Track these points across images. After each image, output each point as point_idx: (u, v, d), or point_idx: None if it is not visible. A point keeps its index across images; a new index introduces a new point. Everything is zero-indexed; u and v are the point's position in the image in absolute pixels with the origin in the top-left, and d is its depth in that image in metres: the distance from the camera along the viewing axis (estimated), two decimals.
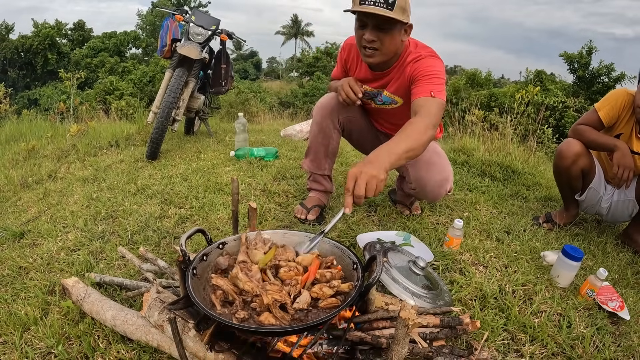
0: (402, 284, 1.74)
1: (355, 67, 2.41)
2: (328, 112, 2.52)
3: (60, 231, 2.49)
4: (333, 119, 2.53)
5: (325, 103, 2.54)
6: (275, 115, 10.36)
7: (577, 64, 18.88)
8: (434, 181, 2.34)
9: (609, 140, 2.47)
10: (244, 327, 1.15)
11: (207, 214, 2.65)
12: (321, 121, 2.55)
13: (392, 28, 1.99)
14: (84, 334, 1.58)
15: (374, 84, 2.37)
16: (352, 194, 1.53)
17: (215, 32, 4.18)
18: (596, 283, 1.94)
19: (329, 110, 2.52)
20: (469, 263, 2.21)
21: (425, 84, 2.05)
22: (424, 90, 2.03)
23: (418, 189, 2.42)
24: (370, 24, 2.00)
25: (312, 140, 2.64)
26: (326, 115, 2.53)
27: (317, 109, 2.57)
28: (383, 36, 2.02)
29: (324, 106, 2.54)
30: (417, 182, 2.40)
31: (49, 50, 29.41)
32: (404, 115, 2.29)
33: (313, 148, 2.65)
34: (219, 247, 1.51)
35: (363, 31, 2.04)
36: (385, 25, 1.98)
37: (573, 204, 2.80)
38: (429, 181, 2.34)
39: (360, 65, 2.38)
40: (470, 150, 4.48)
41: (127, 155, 4.02)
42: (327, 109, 2.52)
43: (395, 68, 2.24)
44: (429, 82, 2.05)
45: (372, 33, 2.01)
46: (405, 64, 2.20)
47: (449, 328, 1.53)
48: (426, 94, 2.01)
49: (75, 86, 6.54)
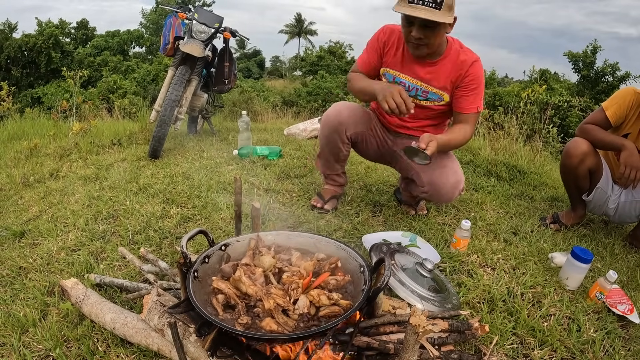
0: (410, 287, 1.71)
1: (395, 51, 2.35)
2: (335, 127, 2.47)
3: (61, 230, 2.46)
4: (341, 134, 2.49)
5: (333, 118, 2.48)
6: (279, 114, 10.34)
7: (581, 63, 18.80)
8: (449, 184, 2.32)
9: (616, 140, 2.44)
10: (248, 334, 1.11)
11: (209, 213, 2.61)
12: (329, 135, 2.51)
13: (439, 26, 2.03)
14: (83, 337, 1.55)
15: (415, 74, 2.33)
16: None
17: (219, 30, 4.15)
18: (606, 286, 1.91)
19: (336, 125, 2.47)
20: (477, 265, 2.18)
21: (477, 96, 2.27)
22: (474, 104, 2.27)
23: (432, 192, 2.39)
24: (417, 22, 2.02)
25: (322, 149, 2.63)
26: (333, 131, 2.48)
27: (325, 123, 2.51)
28: (430, 33, 2.06)
29: (331, 121, 2.48)
30: (430, 186, 2.37)
31: (52, 49, 29.38)
32: (440, 114, 2.45)
33: (323, 155, 2.66)
34: (222, 249, 1.47)
35: (410, 28, 2.07)
36: (435, 25, 2.01)
37: (580, 204, 2.77)
38: (444, 184, 2.33)
39: (401, 52, 2.33)
40: (476, 150, 4.45)
41: (130, 153, 4.00)
42: (334, 124, 2.48)
43: (442, 62, 2.28)
44: (479, 94, 2.28)
45: (419, 31, 2.05)
46: (454, 60, 2.26)
47: (458, 332, 1.51)
48: (474, 110, 2.28)
49: (78, 84, 6.51)
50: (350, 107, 2.51)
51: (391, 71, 2.37)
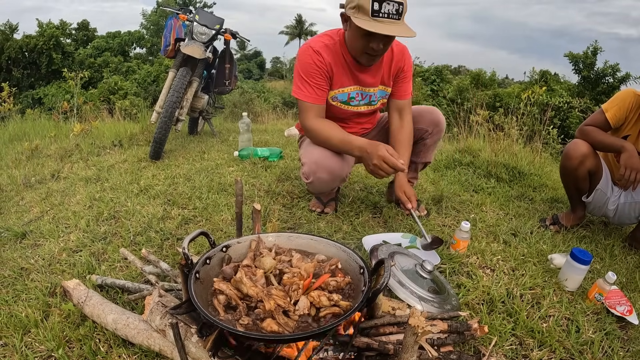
0: (409, 288, 1.71)
1: (339, 68, 2.27)
2: (340, 179, 2.41)
3: (63, 232, 2.47)
4: (343, 180, 2.45)
5: (333, 177, 2.35)
6: (279, 115, 10.36)
7: (582, 64, 18.84)
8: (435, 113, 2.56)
9: (616, 142, 2.44)
10: (249, 335, 1.12)
11: (210, 215, 2.62)
12: (332, 184, 2.44)
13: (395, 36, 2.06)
14: (85, 338, 1.56)
15: (364, 82, 2.34)
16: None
17: (219, 32, 4.17)
18: (605, 287, 1.91)
19: (340, 180, 2.42)
20: (476, 266, 2.19)
21: (410, 82, 2.46)
22: (409, 89, 2.46)
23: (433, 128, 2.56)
24: (379, 35, 2.00)
25: (320, 193, 2.65)
26: (338, 181, 2.43)
27: (328, 180, 2.36)
28: (388, 43, 2.10)
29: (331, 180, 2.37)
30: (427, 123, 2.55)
31: (53, 50, 29.46)
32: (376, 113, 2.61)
33: (323, 196, 2.70)
34: (223, 250, 1.48)
35: (369, 39, 2.03)
36: (394, 35, 2.03)
37: (580, 205, 2.77)
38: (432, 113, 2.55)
39: (345, 66, 2.27)
40: (476, 151, 4.44)
41: (131, 155, 4.01)
42: (337, 179, 2.38)
43: (383, 59, 2.34)
44: (411, 80, 2.47)
45: (380, 42, 2.05)
46: (389, 52, 2.32)
47: (457, 333, 1.51)
48: (410, 94, 2.47)
49: (79, 85, 6.53)
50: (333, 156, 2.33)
51: (341, 90, 2.33)
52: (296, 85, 2.26)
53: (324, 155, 2.29)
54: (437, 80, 22.33)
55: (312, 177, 2.32)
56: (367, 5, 1.89)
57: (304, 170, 2.37)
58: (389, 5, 1.88)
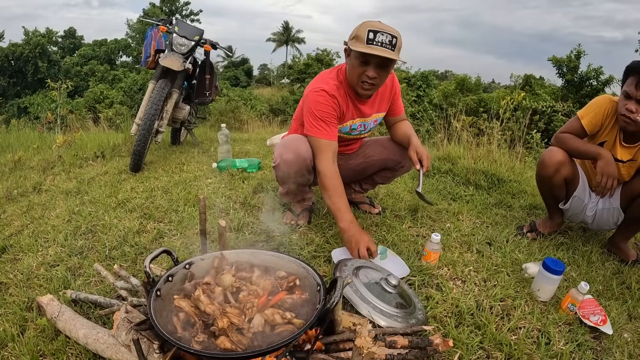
0: (372, 303, 1.74)
1: (347, 105, 2.42)
2: (300, 163, 2.41)
3: (41, 246, 2.52)
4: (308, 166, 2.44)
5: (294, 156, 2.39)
6: (265, 123, 10.38)
7: (565, 68, 18.95)
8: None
9: (592, 148, 2.45)
10: (201, 353, 1.18)
11: (184, 229, 2.67)
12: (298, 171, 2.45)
13: (391, 65, 2.25)
14: (58, 352, 1.61)
15: (364, 113, 2.50)
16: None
17: (199, 43, 4.20)
18: (577, 297, 1.91)
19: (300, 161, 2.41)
20: (447, 278, 2.20)
21: (400, 99, 2.70)
22: (401, 106, 2.71)
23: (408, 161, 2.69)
24: (373, 63, 2.18)
25: (288, 188, 2.63)
26: (302, 166, 2.43)
27: (290, 162, 2.41)
28: (384, 73, 2.25)
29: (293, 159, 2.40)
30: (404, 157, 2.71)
31: (39, 58, 29.32)
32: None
33: (291, 191, 2.69)
34: (186, 267, 1.54)
35: (366, 68, 2.20)
36: (388, 64, 2.21)
37: (557, 212, 2.79)
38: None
39: (350, 101, 2.43)
40: (455, 159, 4.46)
41: (112, 167, 4.05)
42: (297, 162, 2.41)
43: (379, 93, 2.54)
44: (400, 97, 2.70)
45: (375, 71, 2.20)
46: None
47: (419, 349, 1.53)
48: (402, 109, 2.73)
49: (64, 95, 6.54)
50: (302, 139, 2.44)
51: (344, 124, 2.49)
52: (310, 125, 2.35)
53: (293, 137, 2.47)
54: (423, 86, 22.39)
55: (279, 159, 2.43)
56: (363, 35, 2.10)
57: (274, 155, 2.51)
58: (382, 36, 2.08)
